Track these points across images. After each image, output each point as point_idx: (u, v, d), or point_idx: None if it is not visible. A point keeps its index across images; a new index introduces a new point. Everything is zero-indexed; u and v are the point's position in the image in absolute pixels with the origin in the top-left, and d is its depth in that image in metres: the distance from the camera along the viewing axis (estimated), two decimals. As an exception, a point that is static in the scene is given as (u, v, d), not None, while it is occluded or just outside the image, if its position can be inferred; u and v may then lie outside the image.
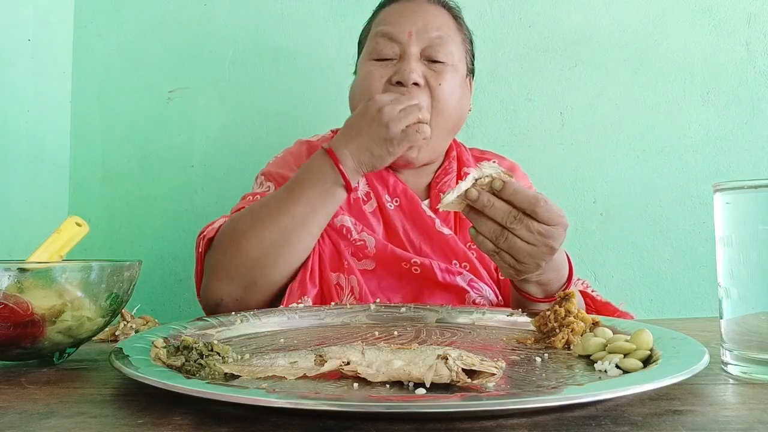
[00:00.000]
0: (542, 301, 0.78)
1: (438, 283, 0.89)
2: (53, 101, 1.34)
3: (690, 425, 0.37)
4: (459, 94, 0.96)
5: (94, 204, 1.36)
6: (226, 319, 0.69)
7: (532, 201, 0.66)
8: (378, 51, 0.94)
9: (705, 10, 1.36)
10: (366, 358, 0.46)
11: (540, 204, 0.66)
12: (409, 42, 0.93)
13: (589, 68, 1.36)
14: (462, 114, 0.99)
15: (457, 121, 0.98)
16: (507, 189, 0.66)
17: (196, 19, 1.38)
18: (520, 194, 0.66)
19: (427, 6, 0.97)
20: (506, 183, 0.66)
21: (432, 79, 0.92)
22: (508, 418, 0.38)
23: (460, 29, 0.99)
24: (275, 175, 0.99)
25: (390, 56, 0.94)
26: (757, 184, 0.47)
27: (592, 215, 1.35)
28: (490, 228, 0.67)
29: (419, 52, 0.93)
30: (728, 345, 0.50)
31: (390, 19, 0.96)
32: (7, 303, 0.50)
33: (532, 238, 0.67)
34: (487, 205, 0.66)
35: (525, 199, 0.66)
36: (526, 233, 0.67)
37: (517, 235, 0.67)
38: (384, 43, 0.94)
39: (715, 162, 1.34)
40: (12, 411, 0.41)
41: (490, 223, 0.67)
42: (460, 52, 0.97)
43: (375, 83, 0.93)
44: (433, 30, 0.93)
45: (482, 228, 0.68)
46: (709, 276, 1.31)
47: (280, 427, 0.37)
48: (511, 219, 0.66)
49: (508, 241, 0.67)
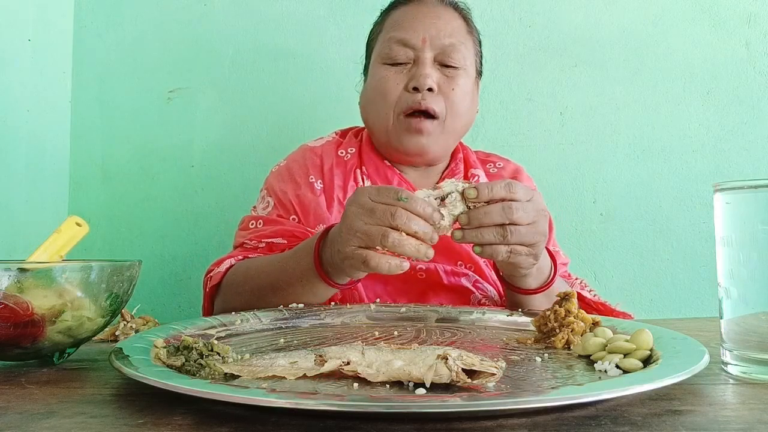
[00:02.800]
0: (539, 291, 0.79)
1: (443, 285, 0.90)
2: (53, 101, 1.34)
3: (690, 425, 0.37)
4: (470, 98, 0.98)
5: (94, 204, 1.36)
6: (226, 319, 0.69)
7: (506, 187, 0.67)
8: (392, 56, 0.95)
9: (705, 10, 1.36)
10: (366, 358, 0.46)
11: (513, 185, 0.67)
12: (423, 48, 0.94)
13: (589, 68, 1.36)
14: (472, 116, 1.01)
15: (466, 124, 1.00)
16: (482, 191, 0.66)
17: (196, 19, 1.38)
18: (495, 188, 0.66)
19: (439, 10, 0.97)
20: (477, 187, 0.66)
21: (445, 85, 0.94)
22: (508, 418, 0.38)
23: (471, 32, 1.00)
24: (278, 191, 0.99)
25: (403, 61, 0.95)
26: (757, 184, 0.47)
27: (592, 215, 1.35)
28: (494, 233, 0.67)
29: (433, 57, 0.94)
30: (728, 345, 0.50)
31: (403, 23, 0.97)
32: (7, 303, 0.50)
33: (529, 216, 0.67)
34: (482, 216, 0.66)
35: (500, 189, 0.66)
36: (523, 215, 0.67)
37: (519, 222, 0.67)
38: (398, 49, 0.95)
39: (715, 162, 1.34)
40: (12, 411, 0.41)
41: (490, 229, 0.67)
42: (471, 55, 0.98)
43: (391, 90, 0.94)
44: (446, 36, 0.95)
45: (486, 238, 0.67)
46: (709, 276, 1.31)
47: (280, 427, 0.37)
48: (508, 211, 0.66)
49: (515, 233, 0.67)
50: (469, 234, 0.67)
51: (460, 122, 0.97)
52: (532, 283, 0.79)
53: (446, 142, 0.97)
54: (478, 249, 0.68)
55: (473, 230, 0.67)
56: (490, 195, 0.66)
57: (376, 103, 0.96)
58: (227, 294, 0.88)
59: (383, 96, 0.95)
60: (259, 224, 0.96)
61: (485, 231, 0.67)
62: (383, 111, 0.95)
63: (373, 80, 0.98)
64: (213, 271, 0.91)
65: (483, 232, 0.67)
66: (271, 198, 0.99)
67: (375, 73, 0.97)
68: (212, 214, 1.35)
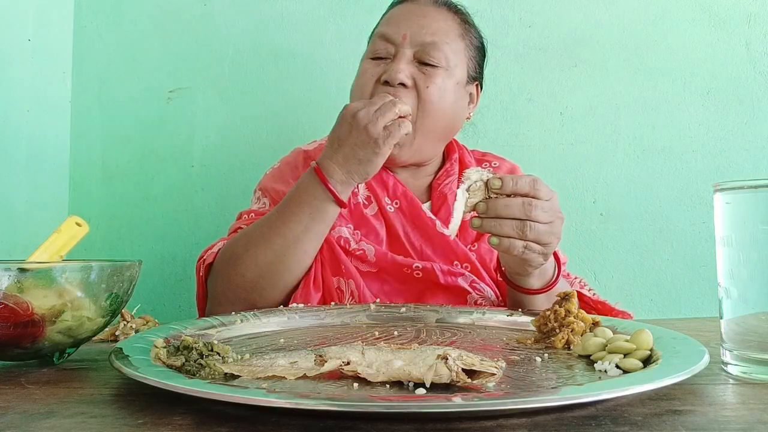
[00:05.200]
0: (541, 291, 0.80)
1: (440, 285, 0.89)
2: (53, 101, 1.34)
3: (690, 425, 0.37)
4: (451, 99, 0.94)
5: (94, 204, 1.36)
6: (226, 319, 0.69)
7: (530, 183, 0.68)
8: (374, 51, 0.96)
9: (705, 10, 1.36)
10: (366, 358, 0.46)
11: (538, 182, 0.69)
12: (403, 44, 0.93)
13: (589, 68, 1.36)
14: (454, 119, 0.98)
15: (448, 126, 0.97)
16: (506, 183, 0.67)
17: (196, 19, 1.38)
18: (520, 182, 0.68)
19: (429, 9, 0.97)
20: (503, 178, 0.68)
21: (421, 81, 0.92)
22: (508, 418, 0.38)
23: (465, 35, 0.98)
24: (270, 190, 0.99)
25: (384, 55, 0.95)
26: (757, 184, 0.47)
27: (592, 215, 1.35)
28: (513, 226, 0.68)
29: (412, 54, 0.93)
30: (728, 345, 0.50)
31: (390, 20, 0.98)
32: (7, 303, 0.50)
33: (547, 216, 0.69)
34: (502, 207, 0.67)
35: (525, 185, 0.68)
36: (542, 214, 0.68)
37: (537, 220, 0.68)
38: (380, 43, 0.95)
39: (715, 162, 1.34)
40: (12, 411, 0.41)
41: (510, 221, 0.68)
42: (458, 57, 0.96)
43: (367, 82, 0.94)
44: (428, 34, 0.93)
45: (505, 230, 0.68)
46: (709, 276, 1.31)
47: (280, 427, 0.37)
48: (528, 208, 0.67)
49: (534, 230, 0.68)
50: (488, 223, 0.68)
51: (435, 123, 0.93)
52: (534, 283, 0.79)
53: (420, 143, 0.94)
54: (495, 240, 0.69)
55: (491, 220, 0.68)
56: (514, 188, 0.67)
57: (354, 96, 0.97)
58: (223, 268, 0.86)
59: (360, 89, 0.95)
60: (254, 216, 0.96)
61: (505, 223, 0.68)
62: None
63: (357, 74, 0.99)
64: (206, 254, 0.90)
65: (503, 223, 0.68)
66: (266, 198, 0.99)
67: (360, 67, 0.98)
68: (212, 214, 1.35)
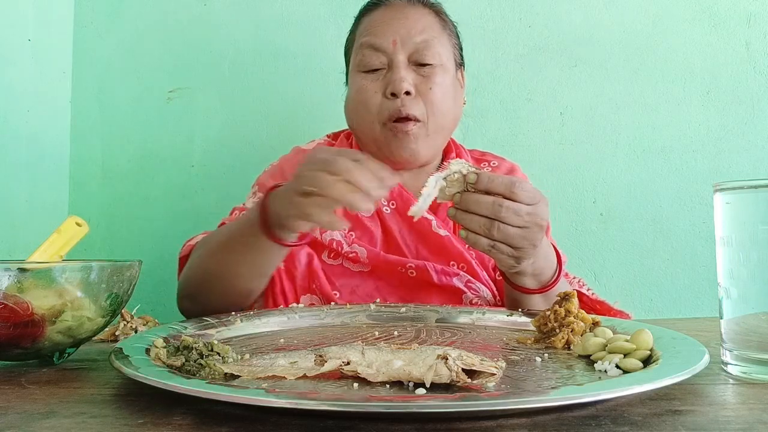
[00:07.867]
0: (537, 292, 0.79)
1: (434, 284, 0.89)
2: (53, 101, 1.34)
3: (690, 425, 0.37)
4: (451, 94, 0.96)
5: (94, 204, 1.36)
6: (226, 319, 0.69)
7: (508, 185, 0.67)
8: (366, 63, 0.94)
9: (705, 10, 1.36)
10: (366, 358, 0.46)
11: (516, 185, 0.67)
12: (395, 50, 0.93)
13: (589, 68, 1.36)
14: (457, 112, 0.99)
15: (453, 120, 0.99)
16: (481, 179, 0.67)
17: (196, 19, 1.38)
18: (496, 181, 0.67)
19: (407, 10, 0.96)
20: (479, 174, 0.67)
21: (422, 85, 0.92)
22: (508, 418, 0.38)
23: (444, 26, 0.99)
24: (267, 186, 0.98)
25: (378, 66, 0.94)
26: (757, 184, 0.47)
27: (592, 215, 1.35)
28: (480, 223, 0.68)
29: (406, 58, 0.93)
30: (728, 345, 0.50)
31: (373, 29, 0.96)
32: (7, 303, 0.50)
33: (521, 220, 0.68)
34: (473, 202, 0.67)
35: (501, 185, 0.67)
36: (514, 217, 0.67)
37: (507, 222, 0.67)
38: (370, 54, 0.94)
39: (715, 162, 1.34)
40: (12, 411, 0.41)
41: (478, 218, 0.68)
42: (447, 50, 0.97)
43: (371, 99, 0.93)
44: (417, 34, 0.93)
45: (472, 225, 0.68)
46: (709, 276, 1.31)
47: (280, 427, 0.37)
48: (498, 208, 0.67)
49: (501, 231, 0.68)
50: (460, 215, 0.69)
51: (444, 120, 0.95)
52: (529, 283, 0.78)
53: (434, 141, 0.96)
54: (464, 233, 0.70)
55: (463, 212, 0.68)
56: (487, 186, 0.67)
57: (359, 114, 0.95)
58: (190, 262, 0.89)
59: (365, 106, 0.94)
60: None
61: (474, 218, 0.68)
62: (367, 120, 0.94)
63: (352, 90, 0.97)
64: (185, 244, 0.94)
65: (472, 218, 0.68)
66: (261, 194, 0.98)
67: (353, 83, 0.97)
68: (212, 214, 1.34)
